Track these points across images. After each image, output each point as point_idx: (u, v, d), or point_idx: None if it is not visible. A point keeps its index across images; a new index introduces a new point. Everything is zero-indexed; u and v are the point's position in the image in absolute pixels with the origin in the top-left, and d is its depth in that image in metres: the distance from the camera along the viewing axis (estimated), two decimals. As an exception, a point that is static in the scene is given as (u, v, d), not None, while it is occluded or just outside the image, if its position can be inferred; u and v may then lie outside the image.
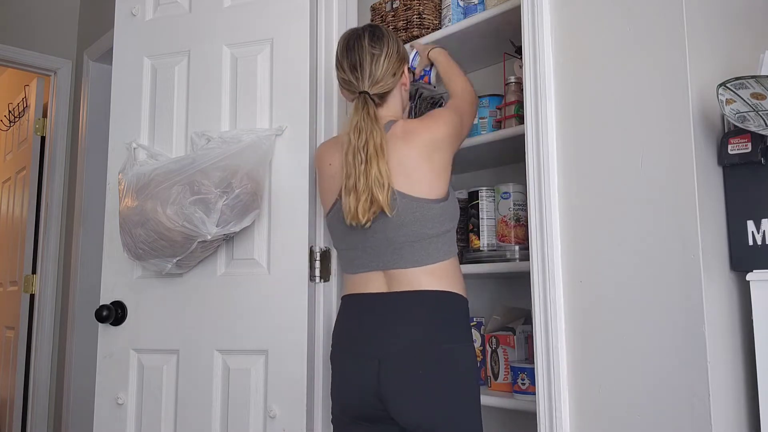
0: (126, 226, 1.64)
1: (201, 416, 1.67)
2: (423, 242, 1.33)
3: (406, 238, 1.32)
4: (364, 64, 1.39)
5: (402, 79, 1.45)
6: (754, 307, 1.09)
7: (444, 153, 1.37)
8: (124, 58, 1.90)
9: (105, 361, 1.79)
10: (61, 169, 3.21)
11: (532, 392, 1.45)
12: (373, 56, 1.39)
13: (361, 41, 1.40)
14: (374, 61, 1.39)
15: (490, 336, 1.66)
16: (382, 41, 1.41)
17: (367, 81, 1.39)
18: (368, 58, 1.39)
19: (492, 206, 1.72)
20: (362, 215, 1.31)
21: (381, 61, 1.39)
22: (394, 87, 1.42)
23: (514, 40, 1.69)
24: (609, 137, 1.20)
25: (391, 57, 1.40)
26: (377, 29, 1.44)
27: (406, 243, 1.32)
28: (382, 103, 1.42)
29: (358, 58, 1.39)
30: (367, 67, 1.38)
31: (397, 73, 1.42)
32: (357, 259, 1.39)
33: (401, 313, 1.32)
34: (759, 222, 1.10)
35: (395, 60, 1.41)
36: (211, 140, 1.69)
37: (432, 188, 1.33)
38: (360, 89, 1.39)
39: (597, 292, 1.19)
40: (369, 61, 1.38)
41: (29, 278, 3.18)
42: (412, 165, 1.33)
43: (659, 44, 1.14)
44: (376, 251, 1.35)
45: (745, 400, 1.13)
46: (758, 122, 1.06)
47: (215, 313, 1.69)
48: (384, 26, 1.49)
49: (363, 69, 1.39)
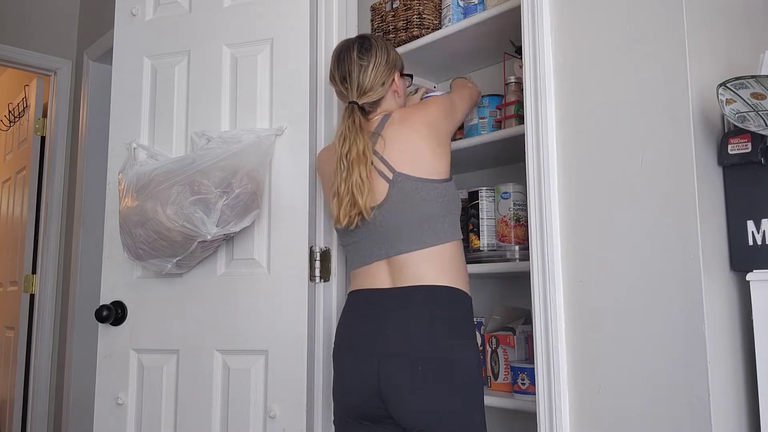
0: (126, 226, 1.64)
1: (201, 416, 1.67)
2: (428, 222, 1.36)
3: (412, 218, 1.36)
4: (352, 75, 1.44)
5: (392, 87, 1.50)
6: (754, 307, 1.09)
7: (439, 132, 1.42)
8: (124, 58, 1.90)
9: (105, 361, 1.79)
10: (61, 169, 3.21)
11: (532, 392, 1.45)
12: (361, 67, 1.44)
13: (350, 53, 1.46)
14: (362, 72, 1.44)
15: (490, 336, 1.66)
16: (370, 52, 1.45)
17: (355, 91, 1.44)
18: (356, 69, 1.44)
19: (492, 206, 1.72)
20: (343, 218, 1.37)
21: (368, 72, 1.44)
22: (383, 95, 1.47)
23: (514, 40, 1.69)
24: (609, 137, 1.20)
25: (378, 67, 1.45)
26: (366, 40, 1.49)
27: (412, 223, 1.36)
28: (373, 110, 1.48)
29: (347, 69, 1.46)
30: (355, 79, 1.44)
31: (386, 82, 1.47)
32: (362, 251, 1.42)
33: (402, 310, 1.33)
34: (759, 222, 1.10)
35: (383, 69, 1.46)
36: (211, 140, 1.69)
37: (434, 168, 1.38)
38: (349, 99, 1.45)
39: (597, 292, 1.19)
40: (357, 72, 1.44)
41: (29, 278, 3.18)
42: (414, 146, 1.38)
43: (659, 44, 1.14)
44: (381, 237, 1.38)
45: (745, 400, 1.13)
46: (758, 122, 1.06)
47: (215, 313, 1.69)
48: (376, 36, 1.54)
49: (351, 80, 1.45)
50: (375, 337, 1.33)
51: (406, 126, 1.41)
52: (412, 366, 1.28)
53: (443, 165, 1.41)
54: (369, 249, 1.41)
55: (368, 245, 1.41)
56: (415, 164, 1.38)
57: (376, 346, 1.32)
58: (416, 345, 1.30)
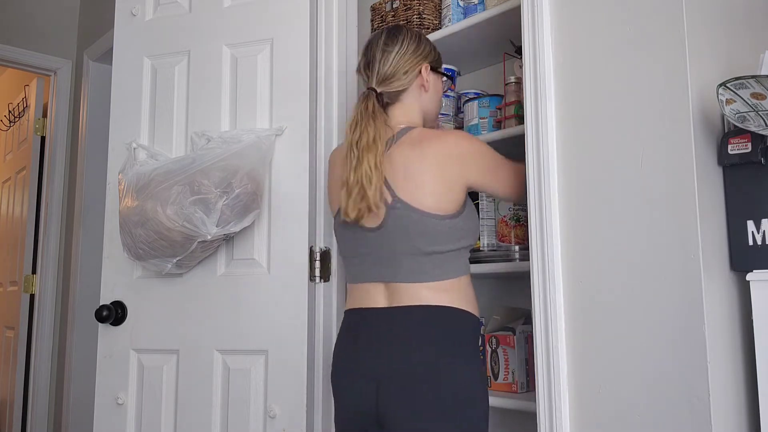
0: (126, 226, 1.64)
1: (201, 416, 1.67)
2: (427, 257, 1.25)
3: (408, 251, 1.25)
4: (375, 61, 1.34)
5: (418, 80, 1.36)
6: (754, 307, 1.09)
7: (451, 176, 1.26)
8: (124, 58, 1.90)
9: (105, 361, 1.79)
10: (61, 169, 3.21)
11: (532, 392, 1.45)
12: (384, 52, 1.33)
13: (378, 40, 1.36)
14: (384, 58, 1.33)
15: (490, 336, 1.66)
16: (397, 38, 1.35)
17: (375, 78, 1.34)
18: (379, 55, 1.34)
19: (492, 206, 1.72)
20: (352, 210, 1.25)
21: (391, 58, 1.33)
22: (407, 87, 1.34)
23: (514, 40, 1.69)
24: (609, 137, 1.20)
25: (404, 54, 1.33)
26: (397, 27, 1.38)
27: (407, 255, 1.25)
28: (394, 102, 1.35)
29: (372, 55, 1.35)
30: (376, 64, 1.33)
31: (410, 72, 1.34)
32: (359, 267, 1.33)
33: (401, 331, 1.24)
34: (759, 222, 1.10)
35: (409, 57, 1.34)
36: (211, 140, 1.69)
37: (441, 202, 1.24)
38: (369, 86, 1.35)
39: (597, 292, 1.19)
40: (379, 57, 1.33)
41: (29, 278, 3.18)
42: (421, 174, 1.25)
43: (659, 44, 1.14)
44: (377, 261, 1.29)
45: (745, 400, 1.13)
46: (758, 122, 1.06)
47: (215, 313, 1.69)
48: (409, 27, 1.43)
49: (373, 66, 1.34)
50: (373, 359, 1.24)
51: (416, 150, 1.27)
52: (412, 390, 1.19)
53: (455, 197, 1.26)
54: (368, 267, 1.30)
55: (368, 263, 1.30)
56: (419, 195, 1.24)
57: (374, 368, 1.23)
58: (417, 367, 1.20)
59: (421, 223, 1.24)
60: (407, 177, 1.25)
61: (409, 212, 1.24)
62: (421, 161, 1.26)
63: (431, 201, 1.24)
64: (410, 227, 1.24)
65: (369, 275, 1.31)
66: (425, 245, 1.24)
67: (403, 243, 1.25)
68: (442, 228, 1.24)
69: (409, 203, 1.24)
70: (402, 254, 1.26)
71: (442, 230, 1.24)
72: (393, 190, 1.26)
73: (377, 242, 1.28)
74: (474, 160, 1.29)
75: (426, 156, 1.26)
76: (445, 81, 1.47)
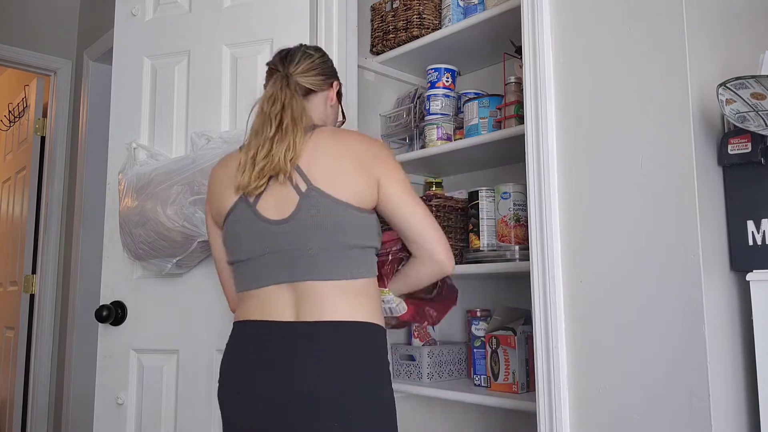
0: (126, 226, 1.64)
1: (201, 416, 1.67)
2: (342, 251, 1.17)
3: (321, 244, 1.16)
4: (294, 57, 1.30)
5: (328, 92, 1.34)
6: (754, 307, 1.09)
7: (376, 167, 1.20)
8: (124, 58, 1.90)
9: (105, 361, 1.79)
10: (61, 169, 3.21)
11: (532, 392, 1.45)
12: (305, 54, 1.31)
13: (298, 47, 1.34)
14: (304, 57, 1.30)
15: (490, 336, 1.66)
16: (319, 51, 1.35)
17: (292, 67, 1.28)
18: (299, 55, 1.31)
19: (492, 206, 1.72)
20: (254, 181, 1.17)
21: (313, 59, 1.31)
22: (317, 90, 1.31)
23: (514, 40, 1.69)
24: (609, 137, 1.20)
25: (324, 62, 1.33)
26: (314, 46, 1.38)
27: (320, 249, 1.16)
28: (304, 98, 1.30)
29: (289, 52, 1.32)
30: (296, 58, 1.30)
31: (325, 80, 1.32)
32: (257, 269, 1.20)
33: (313, 351, 1.13)
34: (759, 222, 1.10)
35: (328, 67, 1.34)
36: (211, 140, 1.69)
37: (360, 194, 1.18)
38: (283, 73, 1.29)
39: (597, 292, 1.19)
40: (300, 56, 1.30)
41: (29, 278, 3.18)
42: (340, 164, 1.19)
43: (659, 44, 1.14)
44: (286, 257, 1.17)
45: (745, 400, 1.13)
46: (758, 122, 1.06)
47: (215, 313, 1.69)
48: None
49: (293, 59, 1.30)
50: (276, 379, 1.13)
51: (334, 140, 1.22)
52: (324, 416, 1.10)
53: (369, 195, 1.19)
54: (268, 268, 1.18)
55: (268, 263, 1.18)
56: (336, 184, 1.17)
57: (280, 393, 1.12)
58: (329, 389, 1.11)
59: (340, 213, 1.16)
60: (324, 165, 1.18)
61: (325, 200, 1.16)
62: (339, 151, 1.20)
63: (350, 192, 1.17)
64: (326, 216, 1.15)
65: (271, 277, 1.19)
66: (343, 237, 1.16)
67: (316, 235, 1.16)
68: (360, 221, 1.18)
69: (325, 191, 1.16)
70: (314, 248, 1.16)
71: (360, 223, 1.18)
72: (307, 178, 1.17)
73: (284, 236, 1.17)
74: (393, 165, 1.23)
75: (344, 146, 1.21)
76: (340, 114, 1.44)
